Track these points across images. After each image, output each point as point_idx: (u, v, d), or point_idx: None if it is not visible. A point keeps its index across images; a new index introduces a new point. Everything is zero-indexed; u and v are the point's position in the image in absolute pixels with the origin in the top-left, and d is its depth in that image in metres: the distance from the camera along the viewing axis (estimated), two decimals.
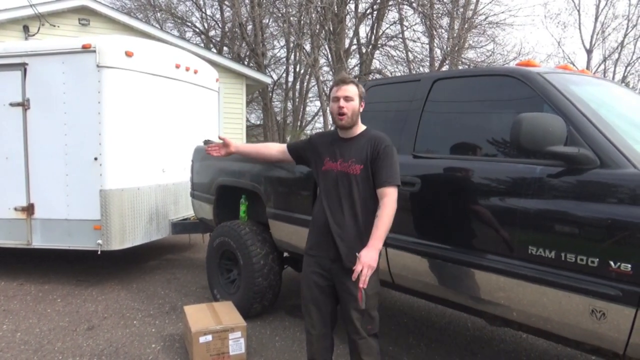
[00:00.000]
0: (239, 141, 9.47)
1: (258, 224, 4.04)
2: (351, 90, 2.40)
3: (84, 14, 9.59)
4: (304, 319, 2.59)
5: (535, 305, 2.22)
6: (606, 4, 20.08)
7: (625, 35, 19.25)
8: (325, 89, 14.98)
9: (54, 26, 9.25)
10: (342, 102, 2.38)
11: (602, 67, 19.79)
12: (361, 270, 2.10)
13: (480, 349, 3.47)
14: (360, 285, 2.10)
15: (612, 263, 1.94)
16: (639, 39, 19.24)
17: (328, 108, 2.51)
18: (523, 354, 3.40)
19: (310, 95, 19.09)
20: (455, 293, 2.60)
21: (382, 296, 4.47)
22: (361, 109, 2.46)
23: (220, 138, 2.99)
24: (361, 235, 2.34)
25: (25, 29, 9.17)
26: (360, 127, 2.50)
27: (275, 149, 2.88)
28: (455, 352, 3.42)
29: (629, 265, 1.89)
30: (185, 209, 5.72)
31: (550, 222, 2.15)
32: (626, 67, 19.85)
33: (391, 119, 3.12)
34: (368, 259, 2.14)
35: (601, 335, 2.04)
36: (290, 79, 19.09)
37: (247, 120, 13.09)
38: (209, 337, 3.14)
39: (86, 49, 4.59)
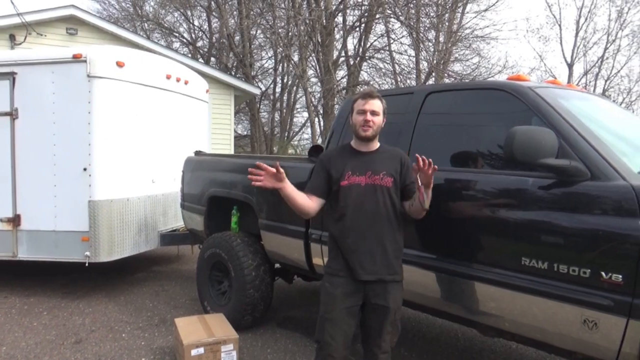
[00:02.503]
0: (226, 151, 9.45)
1: (250, 235, 4.03)
2: (377, 104, 2.42)
3: (72, 23, 9.53)
4: (323, 341, 2.38)
5: (528, 315, 2.25)
6: (586, 20, 20.46)
7: (605, 49, 19.77)
8: (314, 100, 15.06)
9: (41, 35, 9.18)
10: (369, 116, 2.39)
11: (583, 80, 20.26)
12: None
13: None
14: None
15: (603, 274, 1.98)
16: (617, 53, 19.77)
17: (351, 119, 2.47)
18: None
19: (297, 106, 19.13)
20: (447, 303, 2.63)
21: None
22: (383, 124, 2.47)
23: (272, 166, 2.29)
24: (397, 247, 2.38)
25: (12, 37, 9.09)
26: (377, 141, 2.51)
27: (313, 203, 2.45)
28: None
29: (620, 276, 1.93)
30: (174, 220, 5.68)
31: (542, 233, 2.19)
32: (606, 81, 20.36)
33: (385, 131, 3.13)
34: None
35: (593, 344, 2.07)
36: (278, 89, 19.16)
37: (234, 131, 13.06)
38: (201, 350, 3.12)
39: (77, 58, 4.57)
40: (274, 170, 2.28)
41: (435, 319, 4.25)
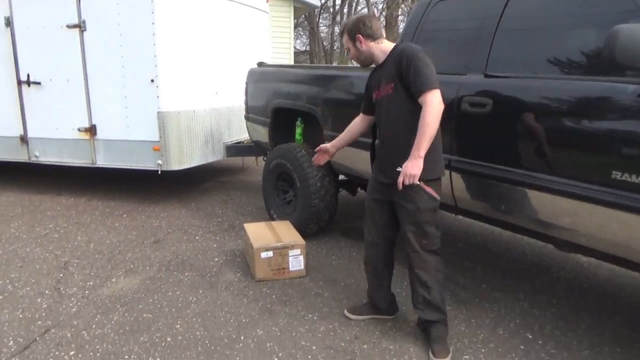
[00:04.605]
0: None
1: (314, 146, 4.01)
2: (345, 40, 2.58)
3: None
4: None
5: (610, 230, 2.13)
6: None
7: None
8: (376, 11, 14.28)
9: None
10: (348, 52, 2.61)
11: None
12: (405, 180, 2.24)
13: (538, 275, 3.44)
14: (407, 182, 2.23)
15: None
16: None
17: None
18: (585, 282, 3.36)
19: None
20: (524, 218, 2.53)
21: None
22: (363, 46, 2.49)
23: (316, 150, 2.96)
24: (407, 151, 2.31)
25: None
26: (388, 48, 2.47)
27: (357, 123, 2.80)
28: (512, 277, 3.41)
29: None
30: (238, 133, 5.77)
31: None
32: None
33: (459, 37, 2.92)
34: (407, 168, 2.23)
35: None
36: (338, 1, 18.30)
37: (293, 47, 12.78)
38: (270, 253, 3.26)
39: None
40: (325, 150, 2.90)
41: (501, 235, 4.19)
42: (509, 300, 3.06)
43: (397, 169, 2.29)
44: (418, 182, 2.25)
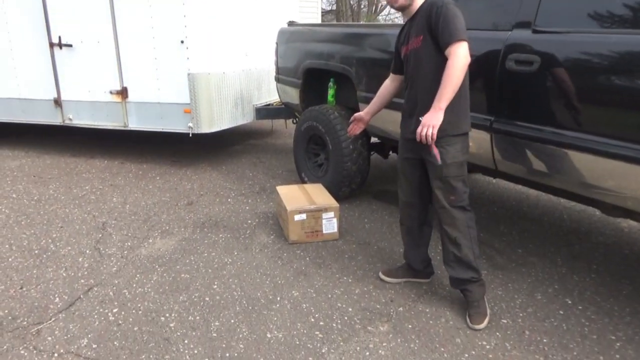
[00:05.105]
0: None
1: (347, 108, 3.95)
2: None
3: None
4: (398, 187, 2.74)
5: None
6: None
7: None
8: None
9: None
10: None
11: None
12: (422, 131, 2.19)
13: (577, 241, 3.36)
14: (423, 140, 2.20)
15: None
16: None
17: None
18: (625, 248, 3.26)
19: None
20: (570, 181, 2.43)
21: (469, 186, 4.38)
22: None
23: (351, 120, 2.90)
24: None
25: None
26: (419, 3, 2.38)
27: (388, 84, 2.75)
28: (550, 242, 3.34)
29: None
30: (268, 95, 5.72)
31: None
32: None
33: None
34: (428, 119, 2.19)
35: None
36: None
37: None
38: (304, 216, 3.25)
39: None
40: (359, 119, 2.84)
41: (538, 199, 4.09)
42: (546, 266, 3.01)
43: (419, 119, 2.24)
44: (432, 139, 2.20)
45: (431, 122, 2.17)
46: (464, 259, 2.43)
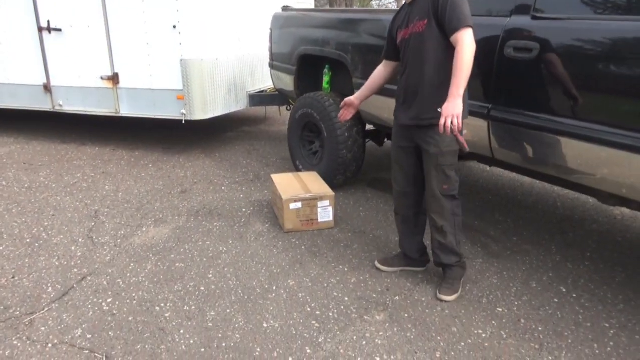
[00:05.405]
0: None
1: (342, 95, 3.90)
2: None
3: None
4: (392, 176, 2.72)
5: None
6: None
7: None
8: None
9: None
10: None
11: None
12: (447, 122, 2.12)
13: (571, 229, 3.37)
14: (448, 132, 2.12)
15: None
16: None
17: None
18: (618, 235, 3.28)
19: None
20: (567, 169, 2.43)
21: (463, 174, 4.39)
22: None
23: (341, 106, 2.86)
24: (439, 91, 2.25)
25: None
26: None
27: (380, 70, 2.72)
28: (545, 230, 3.35)
29: None
30: (262, 81, 5.65)
31: None
32: None
33: None
34: (450, 109, 2.12)
35: None
36: None
37: None
38: (299, 205, 3.23)
39: None
40: (350, 104, 2.81)
41: (532, 187, 4.09)
42: (541, 254, 3.02)
43: (438, 110, 2.18)
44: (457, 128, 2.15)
45: (454, 112, 2.11)
46: (448, 245, 2.50)
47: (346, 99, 2.84)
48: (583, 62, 2.25)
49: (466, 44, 2.14)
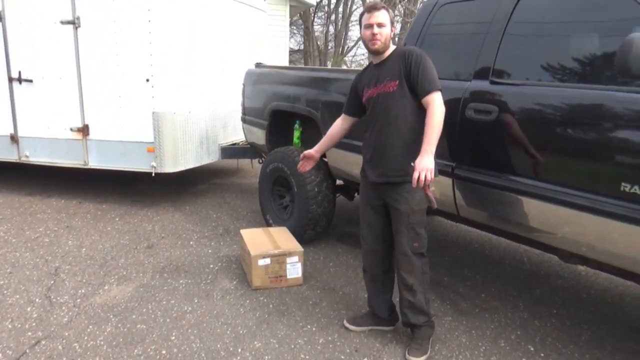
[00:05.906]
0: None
1: None
2: (383, 16, 2.40)
3: None
4: (361, 233, 2.71)
5: (620, 243, 2.09)
6: None
7: None
8: None
9: None
10: (375, 29, 2.39)
11: None
12: (420, 175, 2.13)
13: (538, 284, 3.41)
14: (421, 185, 2.13)
15: None
16: None
17: (360, 34, 2.56)
18: (582, 291, 3.33)
19: (353, 19, 18.19)
20: (528, 228, 2.49)
21: (433, 228, 4.43)
22: (392, 34, 2.46)
23: (301, 158, 2.92)
24: (407, 149, 2.35)
25: None
26: (391, 49, 2.48)
27: (339, 124, 2.79)
28: (512, 285, 3.37)
29: None
30: (234, 134, 5.69)
31: None
32: None
33: (465, 42, 2.86)
34: (423, 163, 2.15)
35: None
36: (334, 0, 18.22)
37: None
38: (268, 260, 3.19)
39: None
40: (310, 156, 2.87)
41: (499, 242, 4.15)
42: (509, 310, 3.02)
43: (412, 164, 2.20)
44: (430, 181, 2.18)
45: (427, 166, 2.14)
46: (417, 304, 2.49)
47: (305, 152, 2.89)
48: (539, 125, 2.35)
49: (437, 105, 2.26)
